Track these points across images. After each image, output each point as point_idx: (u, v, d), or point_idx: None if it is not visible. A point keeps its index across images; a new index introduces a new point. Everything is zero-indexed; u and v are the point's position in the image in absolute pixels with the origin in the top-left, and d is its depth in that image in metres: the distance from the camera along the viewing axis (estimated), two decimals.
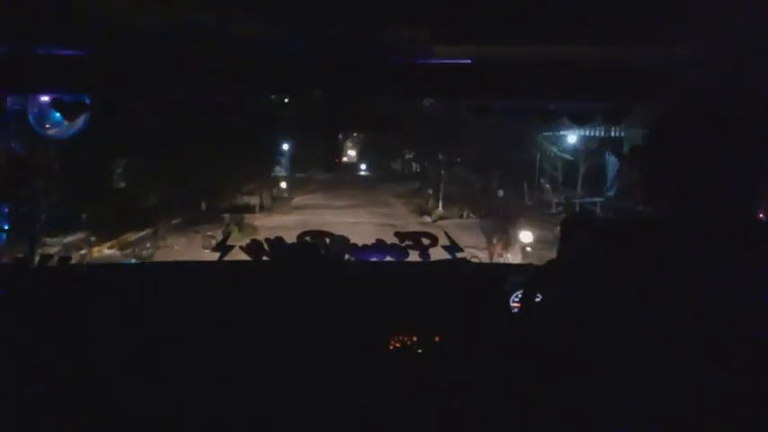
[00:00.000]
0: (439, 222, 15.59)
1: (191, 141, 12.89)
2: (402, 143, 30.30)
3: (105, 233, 10.39)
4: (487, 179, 20.26)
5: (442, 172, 20.89)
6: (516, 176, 18.89)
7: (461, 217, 17.77)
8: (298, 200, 23.38)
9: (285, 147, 28.69)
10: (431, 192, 21.14)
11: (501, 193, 18.93)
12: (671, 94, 1.05)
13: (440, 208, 18.91)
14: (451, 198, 19.51)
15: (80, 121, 2.40)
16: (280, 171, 27.61)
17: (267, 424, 2.11)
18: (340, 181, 29.54)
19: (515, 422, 1.11)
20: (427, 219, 16.79)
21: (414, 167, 36.45)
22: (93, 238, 9.78)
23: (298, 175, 31.49)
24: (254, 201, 18.78)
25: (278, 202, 21.30)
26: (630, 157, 2.71)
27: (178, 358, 2.18)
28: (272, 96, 2.61)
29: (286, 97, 2.44)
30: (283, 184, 24.64)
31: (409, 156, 36.63)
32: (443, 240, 2.75)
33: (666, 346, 0.89)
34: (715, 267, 0.88)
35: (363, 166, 38.37)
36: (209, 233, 7.88)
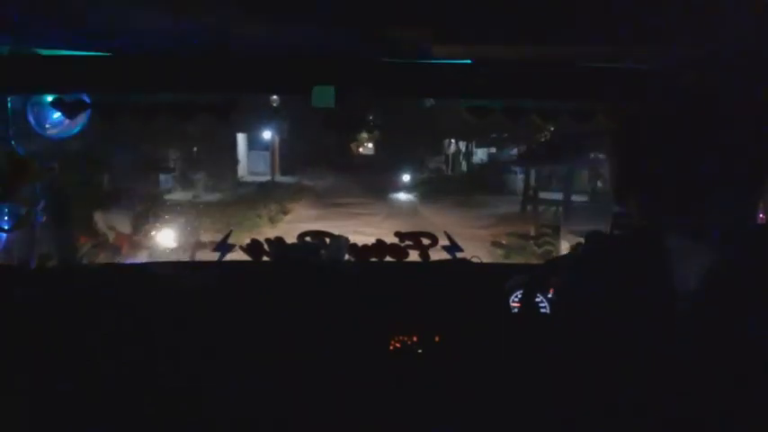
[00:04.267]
0: None
1: None
2: (445, 129, 18.50)
3: None
4: None
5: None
6: None
7: None
8: None
9: (268, 137, 21.39)
10: None
11: None
12: (666, 94, 1.04)
13: None
14: None
15: (80, 120, 2.40)
16: (246, 176, 20.70)
17: (267, 424, 2.11)
18: (349, 194, 17.90)
19: (515, 422, 1.11)
20: None
21: (464, 165, 23.71)
22: None
23: (282, 179, 21.53)
24: None
25: None
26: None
27: (178, 358, 2.18)
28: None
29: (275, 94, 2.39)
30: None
31: (461, 149, 23.62)
32: (443, 240, 2.75)
33: (667, 348, 0.89)
34: (708, 271, 0.88)
35: (407, 177, 21.43)
36: None
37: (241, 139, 22.53)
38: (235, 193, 17.39)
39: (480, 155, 24.14)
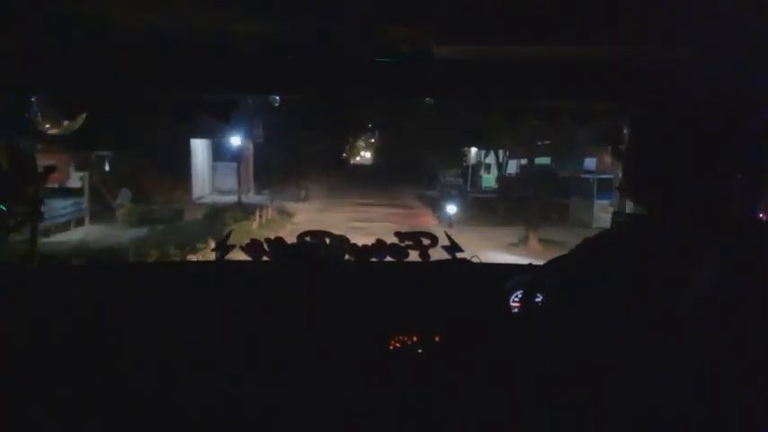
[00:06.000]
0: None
1: None
2: (465, 135, 13.75)
3: None
4: None
5: None
6: None
7: None
8: None
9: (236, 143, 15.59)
10: None
11: None
12: (667, 93, 1.05)
13: None
14: None
15: (80, 120, 2.40)
16: (208, 195, 14.64)
17: (267, 424, 2.11)
18: (347, 225, 12.06)
19: (515, 422, 1.11)
20: None
21: (487, 179, 17.38)
22: None
23: (254, 200, 14.40)
24: None
25: None
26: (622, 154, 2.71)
27: (178, 358, 2.18)
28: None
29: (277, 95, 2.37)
30: None
31: (499, 160, 17.04)
32: (443, 240, 2.75)
33: (668, 348, 0.89)
34: (710, 268, 0.88)
35: (453, 209, 14.50)
36: None
37: (202, 146, 16.58)
38: (157, 228, 11.29)
39: (510, 167, 18.69)
